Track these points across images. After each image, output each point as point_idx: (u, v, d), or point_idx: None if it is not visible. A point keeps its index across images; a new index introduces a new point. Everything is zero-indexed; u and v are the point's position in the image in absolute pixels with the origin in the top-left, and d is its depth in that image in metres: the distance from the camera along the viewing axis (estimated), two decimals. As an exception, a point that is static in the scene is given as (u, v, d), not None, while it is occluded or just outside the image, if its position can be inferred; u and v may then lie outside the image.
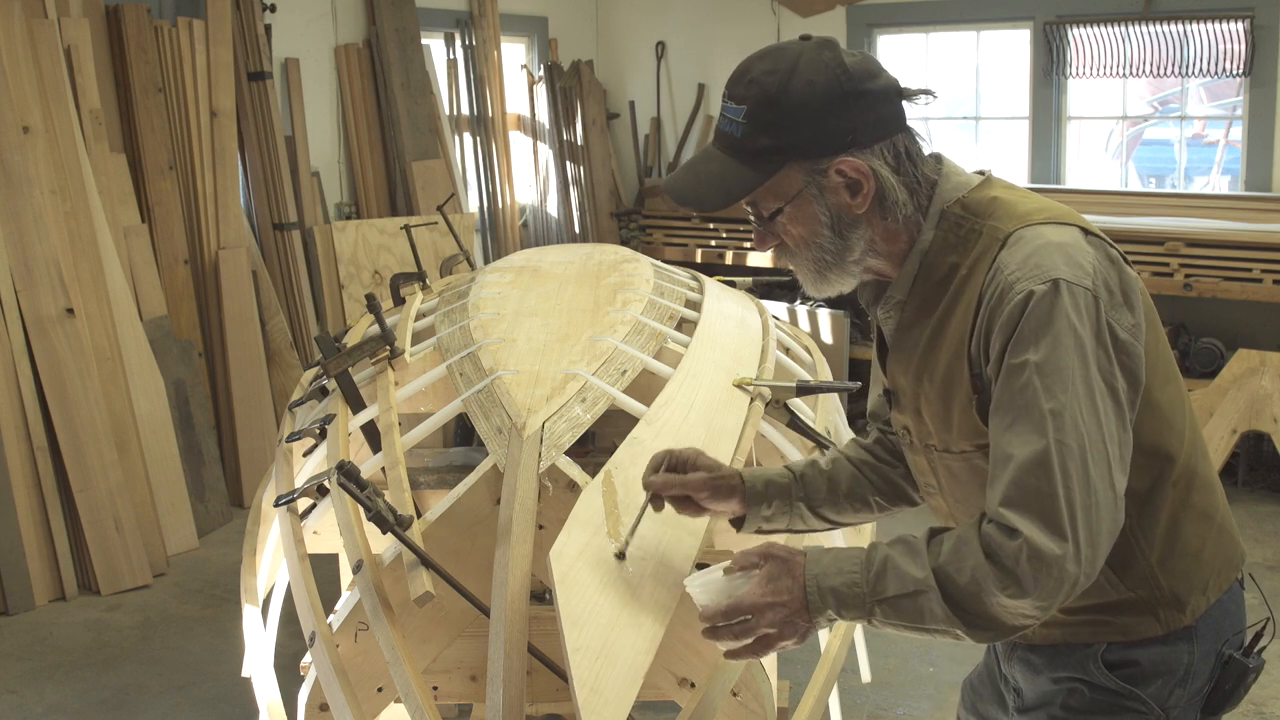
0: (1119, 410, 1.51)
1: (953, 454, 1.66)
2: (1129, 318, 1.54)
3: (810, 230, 1.62)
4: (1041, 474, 1.45)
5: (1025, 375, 1.48)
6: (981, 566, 1.46)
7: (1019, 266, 1.52)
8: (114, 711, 3.96)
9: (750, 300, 3.88)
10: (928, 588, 1.48)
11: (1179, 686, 1.67)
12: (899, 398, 1.75)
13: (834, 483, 1.89)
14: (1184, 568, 1.65)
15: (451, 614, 2.20)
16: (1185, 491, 1.65)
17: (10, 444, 4.67)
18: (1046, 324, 1.48)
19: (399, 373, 3.03)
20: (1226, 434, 5.50)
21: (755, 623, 1.54)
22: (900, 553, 1.53)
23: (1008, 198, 1.63)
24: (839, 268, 1.65)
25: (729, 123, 1.61)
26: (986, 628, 1.49)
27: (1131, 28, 6.24)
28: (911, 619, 1.51)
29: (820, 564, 1.55)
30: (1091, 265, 1.53)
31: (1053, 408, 1.46)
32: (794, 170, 1.59)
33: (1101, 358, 1.50)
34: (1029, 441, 1.46)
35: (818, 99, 1.56)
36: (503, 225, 7.44)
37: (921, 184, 1.64)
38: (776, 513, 1.85)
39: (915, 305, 1.66)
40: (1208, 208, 6.14)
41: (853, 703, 3.81)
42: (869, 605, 1.52)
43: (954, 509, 1.74)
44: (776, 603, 1.53)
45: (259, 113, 6.02)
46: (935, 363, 1.63)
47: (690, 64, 7.89)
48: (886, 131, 1.60)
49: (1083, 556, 1.45)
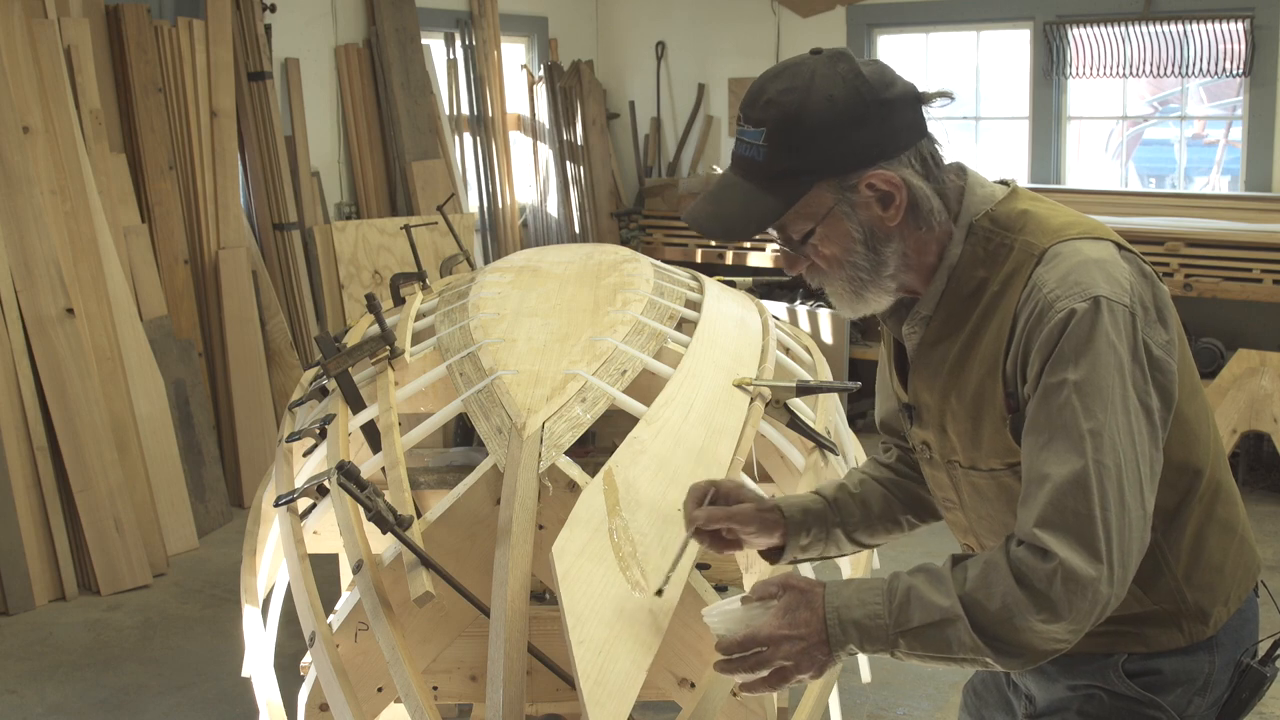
0: (1152, 429, 1.49)
1: (980, 471, 1.63)
2: (1163, 334, 1.52)
3: (844, 249, 1.57)
4: (1079, 495, 1.43)
5: (1064, 394, 1.45)
6: (1013, 592, 1.43)
7: (1058, 284, 1.49)
8: (114, 711, 3.96)
9: (750, 300, 3.88)
10: (955, 616, 1.45)
11: (1198, 695, 1.66)
12: (921, 413, 1.70)
13: (866, 505, 1.85)
14: (1208, 580, 1.64)
15: (451, 614, 2.19)
16: (1210, 505, 1.64)
17: (10, 444, 4.67)
18: (1087, 343, 1.45)
19: (399, 373, 3.03)
20: (1226, 434, 5.49)
21: (771, 654, 1.50)
22: (924, 581, 1.49)
23: (1038, 211, 1.60)
24: (875, 284, 1.59)
25: (748, 147, 1.56)
26: (1017, 655, 1.46)
27: (1131, 28, 6.24)
28: (938, 649, 1.47)
29: (841, 596, 1.51)
30: (1129, 282, 1.50)
31: (1092, 428, 1.44)
32: (823, 189, 1.54)
33: (1137, 376, 1.47)
34: (1067, 461, 1.44)
35: (839, 113, 1.51)
36: (503, 225, 7.44)
37: (951, 190, 1.60)
38: (814, 541, 1.81)
39: (941, 321, 1.62)
40: (1208, 208, 6.15)
41: (853, 703, 3.81)
42: (892, 637, 1.48)
43: (975, 525, 1.72)
44: (794, 635, 1.49)
45: (259, 113, 6.02)
46: (965, 380, 1.60)
47: (690, 64, 7.89)
48: (911, 139, 1.56)
49: (1115, 578, 1.43)
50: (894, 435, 1.91)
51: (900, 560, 4.75)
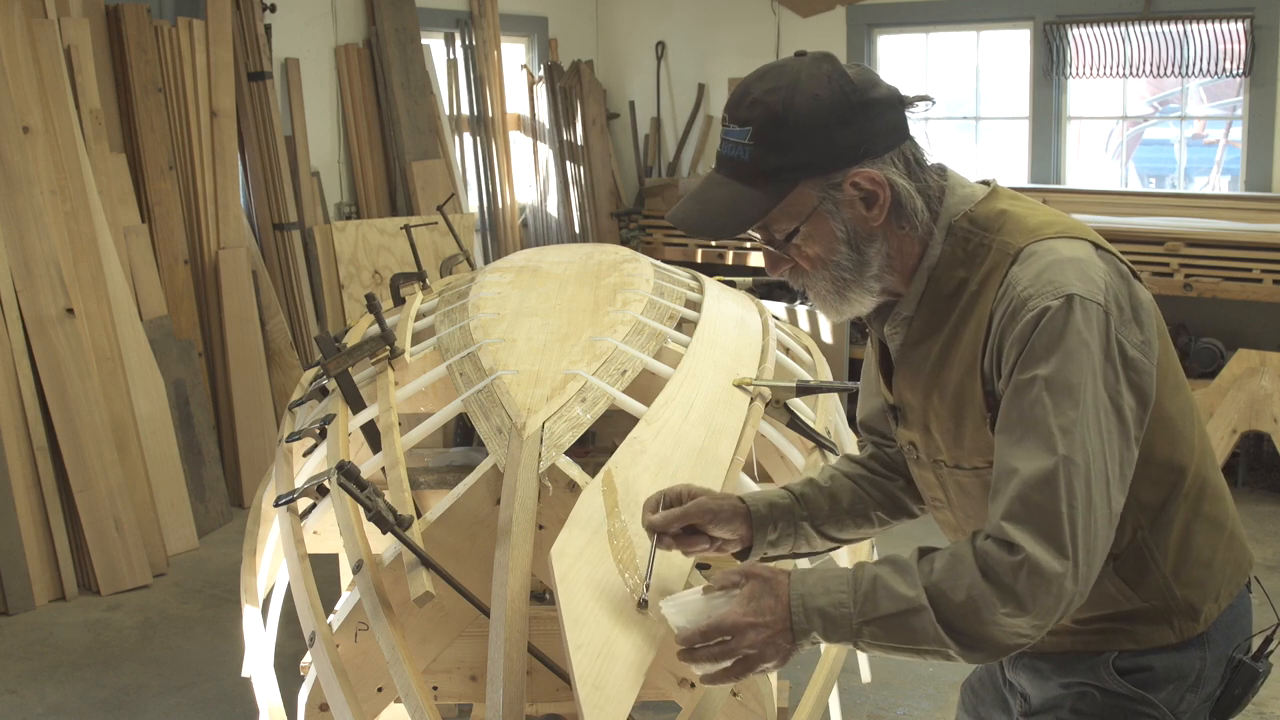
0: (1123, 428, 1.49)
1: (964, 470, 1.64)
2: (1138, 334, 1.52)
3: (827, 248, 1.58)
4: (1047, 491, 1.44)
5: (1035, 390, 1.46)
6: (978, 584, 1.44)
7: (1032, 282, 1.50)
8: (114, 711, 3.96)
9: (750, 300, 3.88)
10: (920, 606, 1.46)
11: (1190, 691, 1.66)
12: (905, 414, 1.71)
13: (835, 500, 1.85)
14: (1197, 577, 1.64)
15: (451, 614, 2.19)
16: (1197, 501, 1.64)
17: (10, 444, 4.67)
18: (1058, 340, 1.46)
19: (399, 373, 3.03)
20: (1226, 434, 5.49)
21: (735, 644, 1.49)
22: (889, 572, 1.50)
23: (1016, 210, 1.60)
24: (859, 285, 1.60)
25: (734, 147, 1.57)
26: (979, 648, 1.47)
27: (1131, 28, 6.24)
28: (902, 639, 1.48)
29: (805, 583, 1.51)
30: (1103, 281, 1.51)
31: (1062, 424, 1.45)
32: (807, 188, 1.55)
33: (1109, 374, 1.48)
34: (1036, 457, 1.45)
35: (825, 112, 1.53)
36: (503, 225, 7.44)
37: (933, 191, 1.61)
38: (782, 535, 1.80)
39: (923, 321, 1.63)
40: (1208, 208, 6.15)
41: (853, 703, 3.81)
42: (856, 626, 1.48)
43: (964, 524, 1.72)
44: (759, 623, 1.49)
45: (259, 113, 6.02)
46: (946, 379, 1.61)
47: (690, 64, 7.89)
48: (895, 140, 1.57)
49: (1080, 575, 1.44)
50: (873, 434, 1.91)
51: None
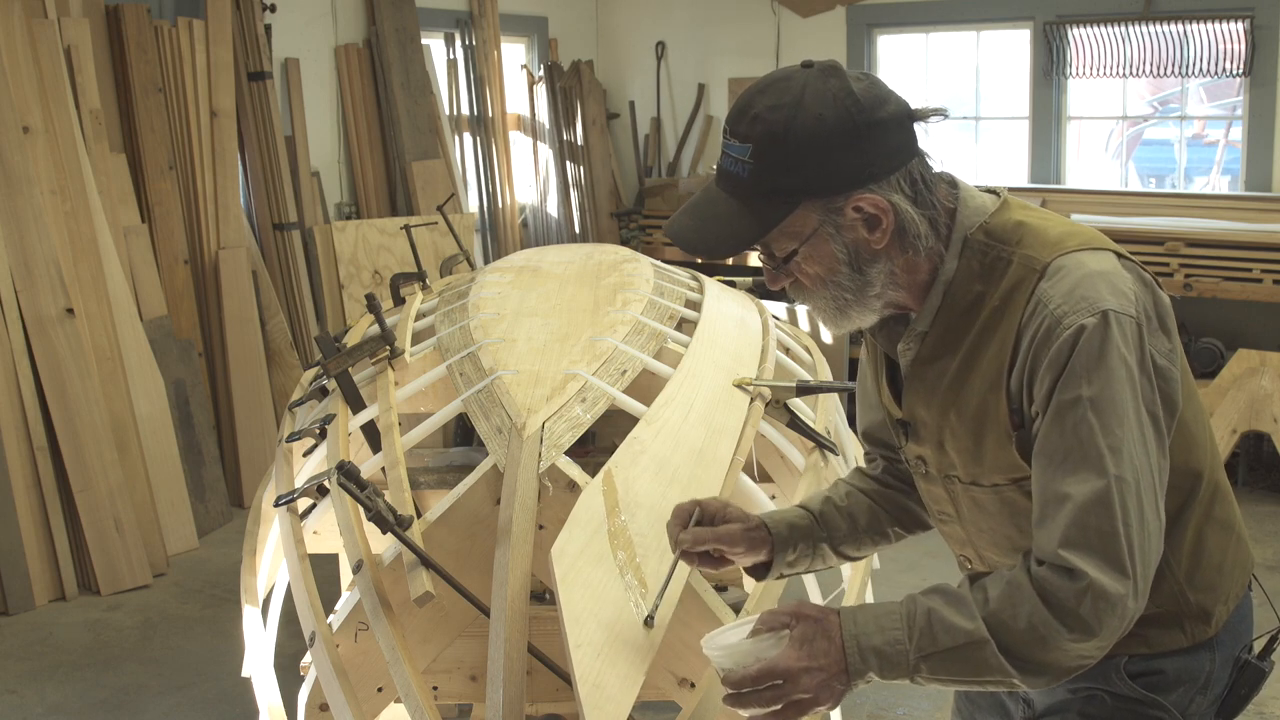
0: (1160, 438, 1.48)
1: (982, 487, 1.62)
2: (1165, 343, 1.51)
3: (828, 269, 1.54)
4: (1103, 513, 1.41)
5: (1079, 411, 1.44)
6: (1039, 612, 1.41)
7: (1064, 299, 1.47)
8: (114, 711, 3.96)
9: (750, 300, 3.88)
10: (982, 639, 1.42)
11: (1200, 693, 1.66)
12: (917, 429, 1.68)
13: (854, 519, 1.83)
14: (1209, 581, 1.64)
15: (451, 614, 2.19)
16: (1209, 505, 1.64)
17: (10, 444, 4.67)
18: (1098, 358, 1.43)
19: (399, 373, 3.03)
20: (1226, 434, 5.50)
21: (789, 689, 1.44)
22: (943, 604, 1.46)
23: (1032, 221, 1.57)
24: (860, 304, 1.57)
25: (733, 162, 1.51)
26: (1043, 673, 1.44)
27: (1131, 28, 6.24)
28: (962, 672, 1.44)
29: (858, 623, 1.47)
30: (1133, 293, 1.49)
31: (1110, 444, 1.42)
32: (808, 210, 1.50)
33: (1145, 387, 1.46)
34: (1087, 480, 1.42)
35: (829, 134, 1.47)
36: (503, 225, 7.44)
37: (940, 211, 1.56)
38: (800, 556, 1.78)
39: (938, 336, 1.59)
40: (1208, 208, 6.15)
41: (853, 703, 3.81)
42: (914, 662, 1.45)
43: (974, 538, 1.71)
44: (813, 667, 1.44)
45: (259, 113, 6.02)
46: (965, 397, 1.57)
47: (690, 64, 7.89)
48: (901, 160, 1.51)
49: (1139, 591, 1.43)
50: (879, 446, 1.88)
51: (900, 559, 4.75)
